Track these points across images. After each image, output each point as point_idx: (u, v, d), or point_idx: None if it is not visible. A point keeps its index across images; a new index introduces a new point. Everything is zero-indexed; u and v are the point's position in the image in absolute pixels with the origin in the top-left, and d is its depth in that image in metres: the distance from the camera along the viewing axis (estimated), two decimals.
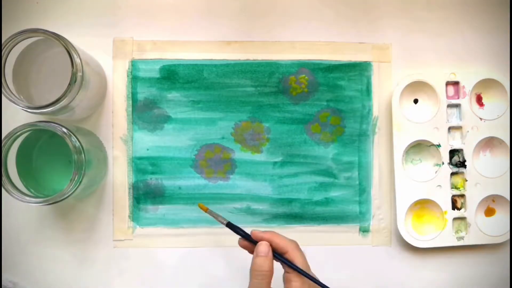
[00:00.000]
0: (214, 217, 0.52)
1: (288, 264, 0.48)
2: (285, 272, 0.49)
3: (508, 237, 0.61)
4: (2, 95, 0.50)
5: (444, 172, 0.61)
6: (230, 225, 0.51)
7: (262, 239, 0.49)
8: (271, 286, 0.48)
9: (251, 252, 0.50)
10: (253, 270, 0.48)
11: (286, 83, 0.62)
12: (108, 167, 0.61)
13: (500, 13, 0.63)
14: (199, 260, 0.61)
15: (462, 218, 0.62)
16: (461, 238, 0.61)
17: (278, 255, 0.49)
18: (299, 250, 0.49)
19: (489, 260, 0.62)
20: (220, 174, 0.62)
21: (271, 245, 0.49)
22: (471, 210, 0.61)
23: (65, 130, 0.51)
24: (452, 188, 0.62)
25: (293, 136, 0.62)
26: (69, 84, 0.50)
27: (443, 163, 0.61)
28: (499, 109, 0.62)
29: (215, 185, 0.62)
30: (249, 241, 0.50)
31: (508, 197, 0.61)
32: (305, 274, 0.48)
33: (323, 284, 0.47)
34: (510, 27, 0.63)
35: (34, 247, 0.60)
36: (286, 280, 0.49)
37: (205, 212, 0.52)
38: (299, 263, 0.48)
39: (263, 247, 0.48)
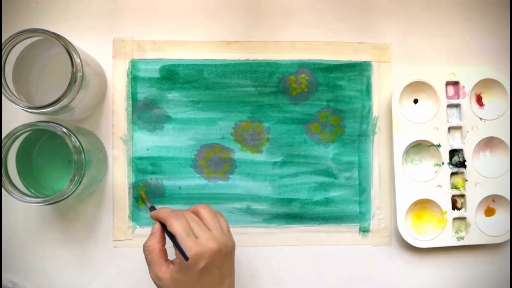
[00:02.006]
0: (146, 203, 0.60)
1: (167, 235, 0.51)
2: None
3: (508, 237, 0.61)
4: (2, 95, 0.50)
5: (444, 172, 0.61)
6: (151, 208, 0.57)
7: (154, 219, 0.53)
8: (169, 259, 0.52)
9: None
10: (143, 247, 0.52)
11: (286, 83, 0.62)
12: (108, 167, 0.61)
13: (500, 13, 0.63)
14: None
15: (462, 218, 0.62)
16: (461, 238, 0.61)
17: (164, 228, 0.52)
18: (179, 218, 0.51)
19: (489, 260, 0.62)
20: (220, 174, 0.62)
21: (160, 221, 0.53)
22: (471, 210, 0.61)
23: (65, 130, 0.51)
24: (452, 188, 0.62)
25: (293, 136, 0.62)
26: (69, 84, 0.50)
27: (443, 163, 0.61)
28: (499, 109, 0.62)
29: (215, 185, 0.62)
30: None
31: (508, 197, 0.61)
32: (171, 239, 0.50)
33: (183, 253, 0.49)
34: (510, 27, 0.63)
35: (34, 247, 0.60)
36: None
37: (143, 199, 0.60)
38: (175, 231, 0.50)
39: (153, 227, 0.53)
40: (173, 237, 0.50)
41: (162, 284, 0.50)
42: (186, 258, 0.48)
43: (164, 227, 0.52)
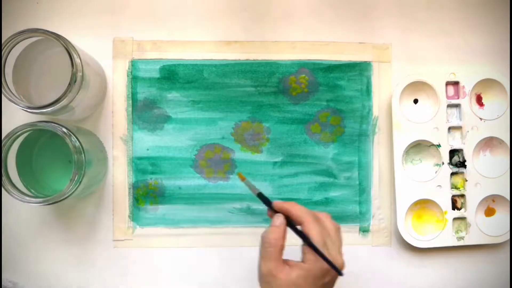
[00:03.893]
0: (248, 186, 0.52)
1: (300, 236, 0.48)
2: (302, 244, 0.48)
3: (508, 237, 0.61)
4: (2, 95, 0.50)
5: (444, 172, 0.61)
6: (260, 195, 0.51)
7: (280, 210, 0.49)
8: (285, 258, 0.48)
9: None
10: (261, 238, 0.48)
11: (286, 83, 0.62)
12: (108, 167, 0.61)
13: (500, 13, 0.63)
14: (199, 260, 0.61)
15: (462, 218, 0.62)
16: (461, 238, 0.61)
17: (293, 226, 0.49)
18: (317, 223, 0.48)
19: (489, 260, 0.62)
20: (220, 174, 0.62)
21: (289, 216, 0.49)
22: (471, 210, 0.61)
23: (65, 130, 0.51)
24: (452, 188, 0.62)
25: (293, 136, 0.62)
26: (69, 84, 0.50)
27: (443, 163, 0.61)
28: (499, 109, 0.62)
29: (215, 185, 0.62)
30: (273, 211, 0.50)
31: (508, 197, 0.61)
32: (314, 248, 0.47)
33: (330, 262, 0.46)
34: (510, 27, 0.63)
35: (34, 247, 0.60)
36: (301, 252, 0.48)
37: (243, 181, 0.52)
38: (312, 236, 0.47)
39: (276, 218, 0.49)
40: (304, 237, 0.47)
41: (272, 282, 0.46)
42: (339, 273, 0.46)
43: (288, 221, 0.49)
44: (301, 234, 0.48)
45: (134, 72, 0.61)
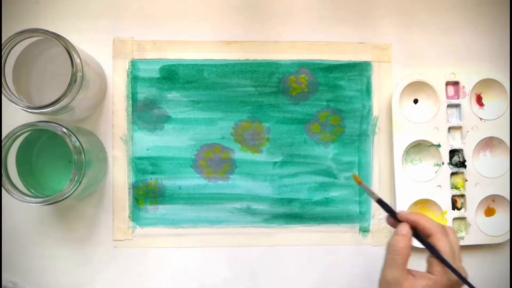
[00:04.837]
0: (366, 191, 0.52)
1: (427, 248, 0.48)
2: (428, 255, 0.49)
3: (508, 237, 0.61)
4: (2, 95, 0.50)
5: (444, 172, 0.61)
6: (380, 202, 0.51)
7: (406, 221, 0.49)
8: (409, 267, 0.48)
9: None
10: (388, 246, 0.48)
11: (286, 83, 0.62)
12: (108, 167, 0.61)
13: (500, 13, 0.63)
14: (199, 260, 0.61)
15: (462, 218, 0.62)
16: (461, 238, 0.61)
17: (420, 237, 0.49)
18: (445, 235, 0.48)
19: (489, 260, 0.62)
20: (220, 174, 0.62)
21: (417, 227, 0.49)
22: (471, 210, 0.61)
23: (65, 130, 0.51)
24: (452, 188, 0.62)
25: (293, 136, 0.62)
26: (69, 84, 0.50)
27: (443, 163, 0.61)
28: (499, 109, 0.62)
29: (215, 185, 0.62)
30: (396, 220, 0.50)
31: (508, 197, 0.61)
32: (443, 261, 0.47)
33: (460, 275, 0.47)
34: (510, 27, 0.63)
35: (34, 247, 0.60)
36: (428, 263, 0.49)
37: (359, 184, 0.51)
38: (441, 247, 0.47)
39: (402, 227, 0.49)
40: (432, 249, 0.48)
41: None
42: (471, 286, 0.46)
43: (414, 232, 0.49)
44: (429, 246, 0.48)
45: (134, 72, 0.61)
